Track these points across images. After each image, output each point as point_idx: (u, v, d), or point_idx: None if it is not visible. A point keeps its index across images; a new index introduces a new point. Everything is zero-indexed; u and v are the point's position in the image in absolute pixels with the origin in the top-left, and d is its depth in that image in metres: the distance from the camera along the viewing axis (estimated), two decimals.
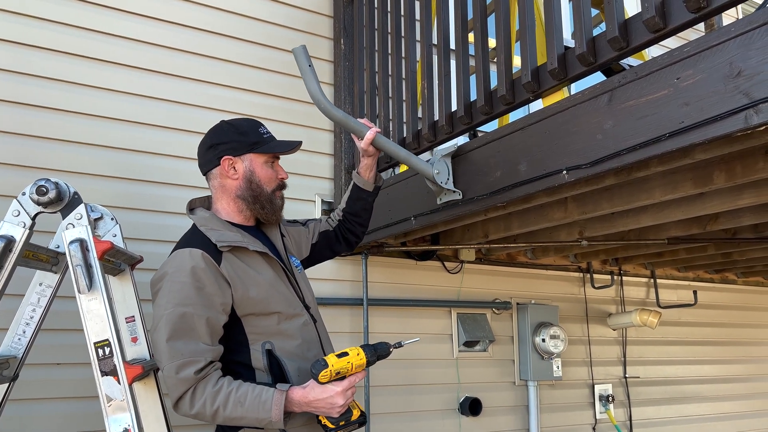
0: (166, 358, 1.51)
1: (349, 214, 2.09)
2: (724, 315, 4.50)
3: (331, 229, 2.11)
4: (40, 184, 1.60)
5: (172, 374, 1.50)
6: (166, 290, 1.57)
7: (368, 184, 2.06)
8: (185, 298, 1.55)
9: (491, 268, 3.51)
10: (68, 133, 2.45)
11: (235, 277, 1.62)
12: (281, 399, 1.53)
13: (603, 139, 1.60)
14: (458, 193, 2.10)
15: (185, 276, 1.56)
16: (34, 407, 2.25)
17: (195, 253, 1.59)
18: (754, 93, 1.26)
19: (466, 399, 3.24)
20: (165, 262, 1.63)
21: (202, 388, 1.51)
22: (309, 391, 1.55)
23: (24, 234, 1.58)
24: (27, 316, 1.84)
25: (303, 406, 1.56)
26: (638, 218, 2.53)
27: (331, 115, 1.96)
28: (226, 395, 1.52)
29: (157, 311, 1.57)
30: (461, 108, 2.16)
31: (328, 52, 3.15)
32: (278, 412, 1.51)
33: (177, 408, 1.54)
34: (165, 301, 1.55)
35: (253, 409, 1.52)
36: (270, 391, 1.54)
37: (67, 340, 2.27)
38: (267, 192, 1.77)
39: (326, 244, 2.10)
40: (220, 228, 1.70)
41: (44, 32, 2.45)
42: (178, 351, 1.51)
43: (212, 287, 1.58)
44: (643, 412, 3.95)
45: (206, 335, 1.56)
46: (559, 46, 1.78)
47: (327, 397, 1.54)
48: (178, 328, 1.53)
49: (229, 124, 1.82)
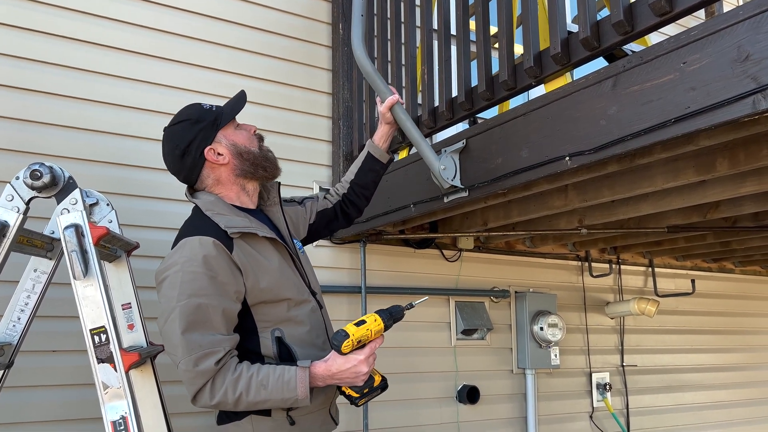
0: (182, 352, 1.46)
1: (357, 186, 2.04)
2: (721, 304, 4.50)
3: (330, 206, 2.05)
4: (34, 168, 1.58)
5: (191, 367, 1.45)
6: (177, 281, 1.50)
7: (384, 155, 2.02)
8: (199, 289, 1.49)
9: (490, 257, 3.50)
10: (64, 117, 2.42)
11: (247, 265, 1.58)
12: (305, 376, 1.51)
13: (607, 125, 1.57)
14: (465, 190, 2.07)
15: (197, 266, 1.50)
16: (29, 394, 2.23)
17: (206, 241, 1.53)
18: (762, 77, 1.23)
19: (463, 387, 3.24)
20: (173, 252, 1.56)
21: (222, 377, 1.48)
22: (331, 363, 1.53)
23: (18, 219, 1.56)
24: (22, 303, 1.82)
25: (327, 379, 1.54)
26: (638, 206, 2.51)
27: (363, 66, 1.97)
28: (248, 380, 1.49)
29: (167, 303, 1.50)
30: (462, 94, 2.13)
31: (327, 37, 3.11)
32: (304, 389, 1.50)
33: (196, 401, 1.50)
34: (177, 293, 1.49)
35: (277, 390, 1.49)
36: (292, 370, 1.51)
37: (62, 327, 2.25)
38: (256, 152, 1.73)
39: (324, 223, 2.05)
40: (227, 213, 1.64)
41: (41, 15, 2.41)
42: (196, 343, 1.46)
43: (226, 276, 1.53)
44: (641, 400, 3.97)
45: (222, 326, 1.52)
46: (562, 31, 1.74)
47: (351, 367, 1.53)
48: (194, 320, 1.47)
49: (177, 124, 1.70)
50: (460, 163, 2.10)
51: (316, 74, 3.04)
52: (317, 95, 3.03)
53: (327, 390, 1.69)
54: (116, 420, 1.49)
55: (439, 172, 2.03)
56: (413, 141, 2.01)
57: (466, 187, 2.06)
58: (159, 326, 1.52)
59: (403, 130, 2.01)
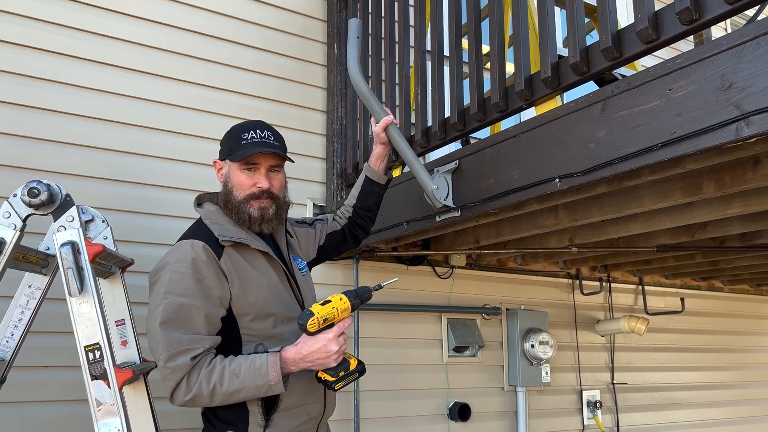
0: (162, 347, 1.52)
1: (360, 209, 2.09)
2: (710, 322, 4.54)
3: (338, 228, 2.10)
4: (32, 185, 1.59)
5: (169, 363, 1.51)
6: (165, 279, 1.57)
7: (381, 177, 2.07)
8: (185, 289, 1.56)
9: (481, 274, 3.52)
10: (60, 134, 2.43)
11: (234, 273, 1.63)
12: (276, 360, 1.54)
13: (596, 148, 1.61)
14: (457, 209, 2.10)
15: (186, 267, 1.58)
16: (21, 410, 2.22)
17: (197, 245, 1.61)
18: (745, 105, 1.28)
19: (455, 404, 3.24)
20: (167, 253, 1.65)
21: (197, 371, 1.52)
22: (301, 346, 1.56)
23: (14, 236, 1.57)
24: (16, 319, 1.82)
25: (299, 362, 1.56)
26: (628, 226, 2.55)
27: (358, 87, 2.01)
28: (221, 371, 1.52)
29: (154, 300, 1.57)
30: (455, 114, 2.17)
31: (322, 56, 3.15)
32: (276, 373, 1.52)
33: (173, 398, 1.54)
34: (164, 291, 1.56)
35: (249, 377, 1.52)
36: (263, 356, 1.55)
37: (54, 342, 2.25)
38: (236, 198, 1.72)
39: (333, 245, 2.11)
40: (224, 223, 1.71)
41: (39, 33, 2.43)
42: (176, 340, 1.52)
43: (212, 280, 1.60)
44: (631, 418, 3.98)
45: (203, 327, 1.57)
46: (552, 55, 1.79)
47: (320, 347, 1.55)
48: (175, 318, 1.54)
49: (233, 126, 1.82)
50: (452, 183, 2.13)
51: (310, 92, 3.08)
52: (312, 113, 3.07)
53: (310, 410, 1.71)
54: None
55: (432, 192, 2.06)
56: (407, 161, 2.05)
57: (458, 207, 2.09)
58: (146, 324, 1.58)
59: (397, 150, 2.04)
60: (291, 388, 1.64)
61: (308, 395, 1.72)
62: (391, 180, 2.12)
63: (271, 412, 1.64)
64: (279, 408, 1.65)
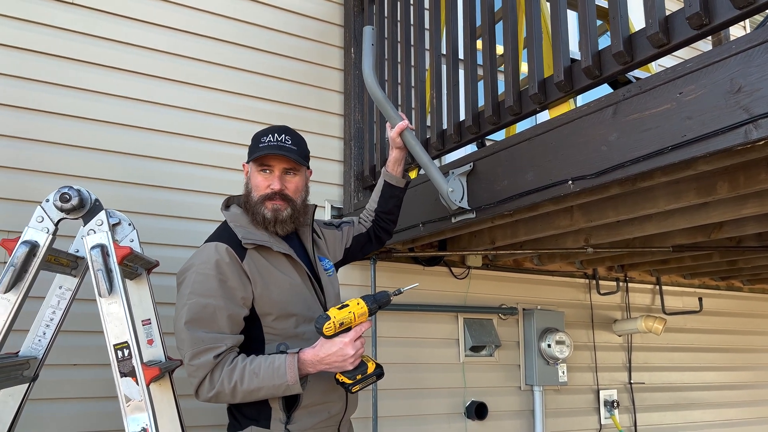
0: (187, 345, 1.59)
1: (382, 213, 2.15)
2: (730, 322, 4.51)
3: (364, 231, 2.17)
4: (64, 191, 1.66)
5: (194, 361, 1.58)
6: (191, 280, 1.64)
7: (400, 180, 2.12)
8: (209, 290, 1.62)
9: (498, 274, 3.55)
10: (88, 140, 2.51)
11: (256, 274, 1.69)
12: (294, 362, 1.59)
13: (608, 151, 1.64)
14: (472, 211, 2.14)
15: (210, 268, 1.64)
16: (52, 407, 2.30)
17: (220, 248, 1.67)
18: (753, 108, 1.30)
19: (472, 403, 3.28)
20: (193, 255, 1.72)
21: (220, 369, 1.59)
22: (319, 348, 1.61)
23: (47, 239, 1.64)
24: (47, 318, 1.90)
25: (316, 364, 1.61)
26: (643, 226, 2.56)
27: (374, 93, 2.04)
28: (242, 370, 1.59)
29: (180, 300, 1.65)
30: (469, 117, 2.20)
31: (339, 60, 3.21)
32: (293, 374, 1.58)
33: (198, 394, 1.61)
34: (189, 291, 1.63)
35: (268, 377, 1.58)
36: (282, 357, 1.60)
37: (84, 341, 2.32)
38: (253, 199, 1.80)
39: (358, 246, 2.18)
40: (247, 225, 1.78)
41: (67, 43, 2.52)
42: (200, 338, 1.59)
43: (234, 281, 1.66)
44: (648, 417, 3.98)
45: (226, 326, 1.63)
46: (565, 59, 1.82)
47: (337, 350, 1.60)
48: (199, 318, 1.60)
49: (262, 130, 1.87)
50: (467, 185, 2.17)
51: (328, 96, 3.14)
52: (329, 117, 3.12)
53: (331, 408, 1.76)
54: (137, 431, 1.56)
55: (447, 194, 2.10)
56: (422, 165, 2.09)
57: (473, 209, 2.12)
58: (173, 323, 1.65)
59: (412, 153, 2.09)
60: (312, 387, 1.70)
61: (329, 394, 1.77)
62: (409, 183, 2.17)
63: (292, 409, 1.70)
64: (300, 406, 1.70)
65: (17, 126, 2.39)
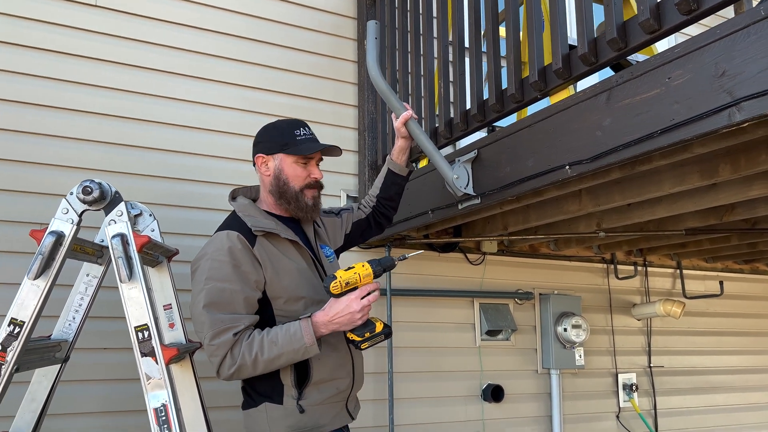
0: (207, 328, 1.68)
1: (383, 199, 2.23)
2: (755, 306, 4.47)
3: (363, 217, 2.25)
4: (86, 184, 1.78)
5: (214, 341, 1.67)
6: (206, 268, 1.74)
7: (403, 169, 2.20)
8: (224, 275, 1.72)
9: (514, 260, 3.60)
10: (108, 135, 2.64)
11: (267, 260, 1.79)
12: (308, 325, 1.71)
13: (602, 136, 1.68)
14: (477, 197, 2.20)
15: (224, 255, 1.74)
16: (83, 388, 2.45)
17: (232, 235, 1.77)
18: (736, 92, 1.33)
19: (488, 386, 3.34)
20: (206, 244, 1.82)
21: (239, 345, 1.68)
22: (328, 309, 1.74)
23: (72, 229, 1.76)
24: (76, 304, 2.03)
25: (328, 325, 1.73)
26: (653, 210, 2.58)
27: (378, 85, 2.13)
28: (260, 341, 1.69)
29: (196, 286, 1.74)
30: (475, 106, 2.25)
31: (353, 52, 3.27)
32: (309, 336, 1.69)
33: (220, 373, 1.70)
34: (205, 277, 1.72)
35: (286, 343, 1.69)
36: (296, 323, 1.72)
37: (111, 326, 2.46)
38: (294, 189, 1.91)
39: (358, 232, 2.26)
40: (256, 215, 1.88)
41: (86, 42, 2.65)
42: (219, 319, 1.68)
43: (247, 266, 1.75)
44: (669, 401, 3.99)
45: (243, 308, 1.73)
46: (563, 47, 1.86)
47: (344, 307, 1.72)
48: (217, 301, 1.70)
49: (272, 125, 1.98)
50: (472, 172, 2.22)
51: (342, 88, 3.21)
52: (344, 108, 3.20)
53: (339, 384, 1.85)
54: (158, 407, 1.67)
55: (453, 181, 2.16)
56: (427, 153, 2.15)
57: (478, 195, 2.18)
58: (190, 309, 1.75)
59: (417, 143, 2.15)
60: (321, 365, 1.80)
61: (337, 370, 1.87)
62: (412, 172, 2.23)
63: (303, 385, 1.79)
64: (310, 382, 1.80)
65: (42, 124, 2.53)
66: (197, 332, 1.75)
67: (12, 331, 1.66)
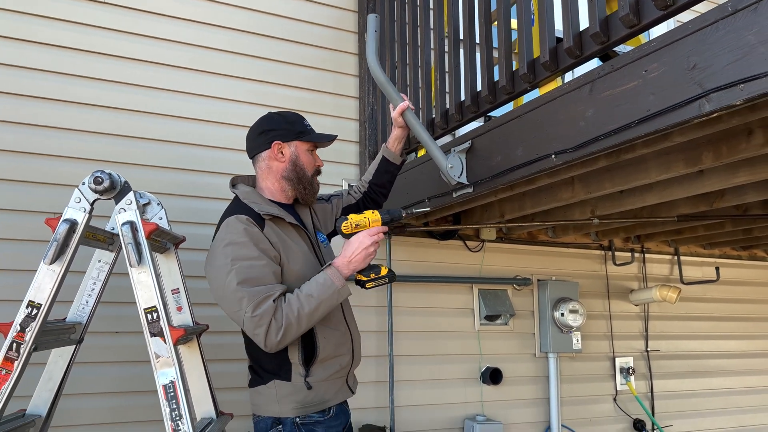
0: (246, 303, 1.74)
1: (375, 186, 2.33)
2: (752, 291, 4.54)
3: (353, 202, 2.35)
4: (97, 175, 1.88)
5: (257, 311, 1.73)
6: (228, 251, 1.80)
7: (397, 158, 2.30)
8: (248, 254, 1.80)
9: (512, 247, 3.68)
10: (119, 128, 2.75)
11: (277, 242, 1.89)
12: (334, 270, 1.86)
13: (585, 126, 1.76)
14: (470, 186, 2.28)
15: (242, 236, 1.82)
16: (96, 369, 2.58)
17: (242, 218, 1.86)
18: (706, 83, 1.41)
19: (487, 369, 3.44)
20: (219, 232, 1.89)
21: (280, 310, 1.76)
22: (345, 252, 1.89)
23: (84, 218, 1.86)
24: (89, 289, 2.14)
25: (348, 265, 1.88)
26: (644, 197, 2.66)
27: (377, 76, 2.22)
28: (296, 298, 1.79)
29: (222, 270, 1.79)
30: (468, 98, 2.34)
31: (354, 45, 3.36)
32: (339, 279, 1.85)
33: (267, 341, 1.76)
34: (231, 259, 1.79)
35: (321, 292, 1.81)
36: (322, 273, 1.86)
37: (122, 311, 2.57)
38: (308, 175, 2.05)
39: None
40: (260, 201, 1.97)
41: (98, 39, 2.75)
42: (257, 291, 1.75)
43: (265, 243, 1.85)
44: (665, 384, 4.08)
45: (273, 279, 1.81)
46: (551, 40, 1.94)
47: (358, 245, 1.89)
48: (250, 277, 1.77)
49: (279, 114, 2.09)
50: (466, 162, 2.31)
51: (344, 80, 3.30)
52: (345, 100, 3.29)
53: (341, 360, 1.96)
54: (166, 384, 1.78)
55: (447, 170, 2.25)
56: (423, 143, 2.24)
57: (471, 183, 2.27)
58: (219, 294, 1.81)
59: (414, 132, 2.24)
60: (326, 342, 1.91)
61: (339, 348, 1.98)
62: (405, 161, 2.32)
63: (310, 363, 1.90)
64: (317, 360, 1.90)
65: (56, 118, 2.64)
66: (233, 312, 1.78)
67: (30, 313, 1.77)
